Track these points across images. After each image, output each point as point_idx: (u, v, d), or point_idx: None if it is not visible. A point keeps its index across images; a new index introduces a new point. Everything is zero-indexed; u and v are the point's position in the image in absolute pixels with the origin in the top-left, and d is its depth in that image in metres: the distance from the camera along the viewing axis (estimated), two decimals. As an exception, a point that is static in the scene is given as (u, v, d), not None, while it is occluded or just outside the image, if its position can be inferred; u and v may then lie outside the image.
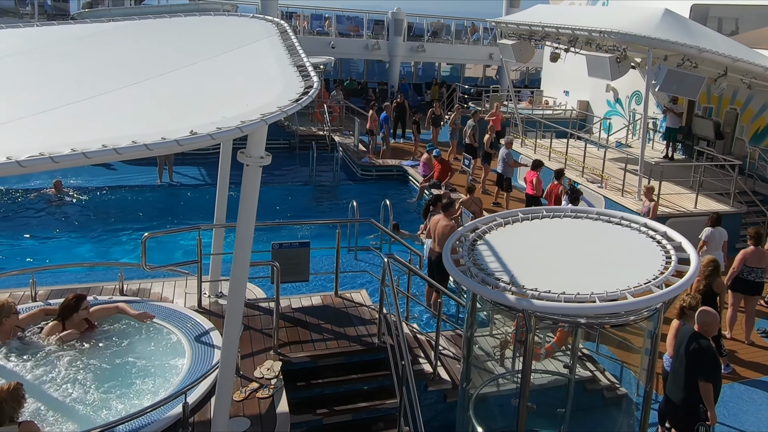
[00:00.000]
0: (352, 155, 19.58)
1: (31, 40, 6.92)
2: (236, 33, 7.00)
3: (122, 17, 8.09)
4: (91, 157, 3.59)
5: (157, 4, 27.43)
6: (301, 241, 8.08)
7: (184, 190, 16.95)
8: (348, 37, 29.98)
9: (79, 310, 6.64)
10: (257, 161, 4.71)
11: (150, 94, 4.89)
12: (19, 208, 14.65)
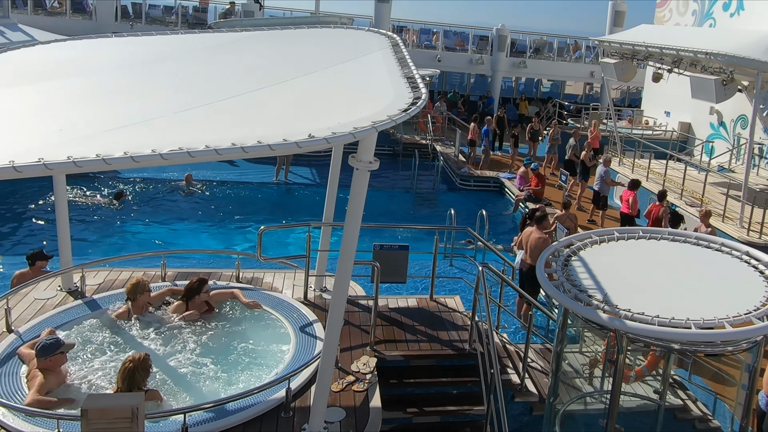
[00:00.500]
0: (452, 165, 19.46)
1: (174, 46, 7.34)
2: (352, 45, 7.12)
3: (252, 27, 8.39)
4: (222, 154, 3.78)
5: (282, 16, 28.42)
6: (401, 244, 8.12)
7: (297, 188, 17.44)
8: (453, 51, 29.82)
9: (200, 293, 6.96)
10: (366, 166, 4.77)
11: (274, 99, 5.06)
12: (155, 196, 15.54)
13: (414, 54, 9.39)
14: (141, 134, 4.29)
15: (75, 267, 7.80)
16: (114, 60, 6.87)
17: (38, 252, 8.52)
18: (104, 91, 5.69)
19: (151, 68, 6.46)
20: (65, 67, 6.65)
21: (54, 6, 24.94)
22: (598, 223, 14.36)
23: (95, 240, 12.51)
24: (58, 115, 4.96)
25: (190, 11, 26.38)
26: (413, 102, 4.59)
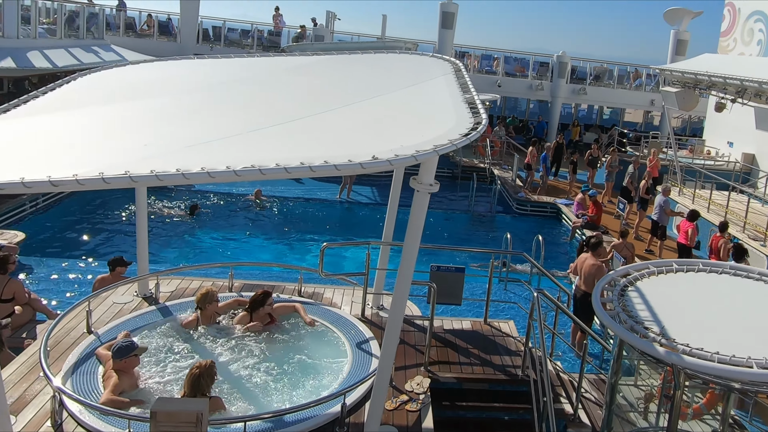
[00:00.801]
0: (510, 189, 19.19)
1: (250, 69, 7.51)
2: (417, 70, 7.10)
3: (322, 51, 8.51)
4: (291, 172, 3.81)
5: (350, 41, 28.87)
6: (457, 266, 8.00)
7: (359, 207, 17.50)
8: (514, 77, 29.57)
9: (264, 305, 7.02)
10: (427, 188, 4.73)
11: (341, 121, 5.09)
12: (226, 210, 15.84)
13: (475, 79, 9.35)
14: (217, 151, 4.38)
15: (151, 274, 8.04)
16: (195, 81, 7.10)
17: (118, 258, 8.85)
18: (185, 109, 5.87)
19: (228, 89, 6.63)
20: (151, 86, 6.91)
21: (143, 29, 26.09)
22: (656, 253, 13.83)
23: (170, 249, 12.89)
24: (143, 132, 5.14)
25: (265, 35, 27.10)
26: (474, 127, 4.53)
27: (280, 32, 27.18)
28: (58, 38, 18.28)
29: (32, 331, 7.93)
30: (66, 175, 3.75)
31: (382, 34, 30.15)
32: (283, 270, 10.38)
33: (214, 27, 26.89)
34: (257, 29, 27.12)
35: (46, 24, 18.49)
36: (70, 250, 12.33)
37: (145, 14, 26.61)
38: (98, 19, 20.77)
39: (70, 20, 19.24)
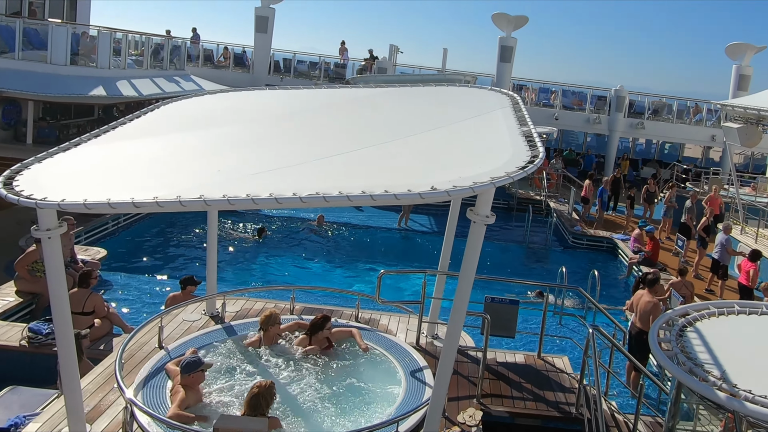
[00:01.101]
0: (565, 222, 18.73)
1: (317, 99, 7.65)
2: (475, 103, 7.05)
3: (385, 83, 8.59)
4: (353, 200, 3.86)
5: (412, 73, 29.14)
6: (511, 298, 7.82)
7: (416, 235, 17.34)
8: (571, 110, 29.01)
9: (323, 329, 7.01)
10: (483, 219, 4.67)
11: (401, 151, 5.11)
12: (290, 234, 15.94)
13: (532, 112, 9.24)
14: (284, 178, 4.46)
15: (218, 294, 8.20)
16: (266, 110, 7.30)
17: (189, 278, 9.04)
18: (256, 137, 6.03)
19: (296, 119, 6.79)
20: (226, 115, 7.15)
21: (220, 60, 27.13)
22: (716, 293, 13.15)
23: (237, 270, 13.04)
24: (217, 158, 5.31)
25: (331, 66, 27.69)
26: (530, 160, 4.45)
27: (346, 64, 27.73)
28: (144, 69, 19.18)
29: (109, 344, 8.15)
30: (147, 198, 3.91)
31: (442, 67, 30.28)
32: (342, 295, 10.36)
33: (284, 59, 27.67)
34: (324, 61, 27.75)
35: (134, 55, 19.46)
36: (146, 268, 12.64)
37: (222, 47, 27.72)
38: (180, 51, 21.73)
39: (155, 52, 20.21)
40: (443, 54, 30.79)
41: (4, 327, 8.23)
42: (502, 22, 26.19)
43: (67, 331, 4.94)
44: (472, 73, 26.76)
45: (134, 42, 19.66)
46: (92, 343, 7.95)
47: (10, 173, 4.53)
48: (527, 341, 9.30)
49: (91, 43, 17.46)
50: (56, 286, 4.74)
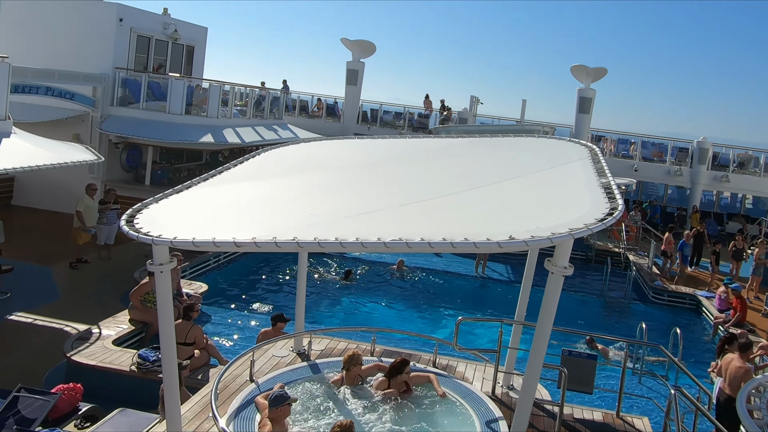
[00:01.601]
0: (645, 276, 17.71)
1: (401, 148, 7.77)
2: (554, 153, 6.93)
3: (466, 134, 8.60)
4: (434, 247, 3.87)
5: (491, 123, 29.06)
6: (589, 352, 7.42)
7: (493, 283, 16.88)
8: (651, 162, 27.72)
9: (402, 373, 6.87)
10: (561, 270, 4.54)
11: (480, 200, 5.08)
12: (372, 277, 15.83)
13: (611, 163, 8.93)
14: (369, 223, 4.54)
15: (305, 332, 8.28)
16: (354, 157, 7.50)
17: (279, 315, 9.17)
18: (344, 183, 6.20)
19: (381, 166, 6.93)
20: (318, 161, 7.41)
21: (314, 111, 28.26)
22: (811, 359, 11.89)
23: (323, 310, 13.08)
24: (309, 202, 5.49)
25: (415, 117, 28.12)
26: (609, 212, 4.31)
27: (429, 114, 28.11)
28: (247, 118, 20.21)
29: (206, 374, 8.34)
30: (246, 238, 4.09)
31: (521, 117, 30.03)
32: (420, 339, 10.15)
33: (372, 109, 28.39)
34: (409, 112, 28.25)
35: (239, 106, 20.65)
36: (242, 304, 12.86)
37: (315, 98, 28.95)
38: (279, 102, 22.86)
39: (257, 103, 21.35)
40: (522, 105, 30.59)
41: (118, 352, 8.64)
42: (581, 74, 25.74)
43: (172, 359, 5.12)
44: (550, 123, 26.34)
45: (239, 93, 20.89)
46: (191, 373, 8.17)
47: (132, 212, 4.88)
48: (606, 398, 8.75)
49: (203, 94, 18.61)
50: (165, 317, 4.96)
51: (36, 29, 17.70)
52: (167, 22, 19.68)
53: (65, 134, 15.55)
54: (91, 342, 8.88)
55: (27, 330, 9.98)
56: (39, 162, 9.95)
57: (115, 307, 10.62)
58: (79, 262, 13.44)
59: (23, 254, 12.71)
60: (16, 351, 9.26)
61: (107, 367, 8.15)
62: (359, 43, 26.91)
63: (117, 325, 9.71)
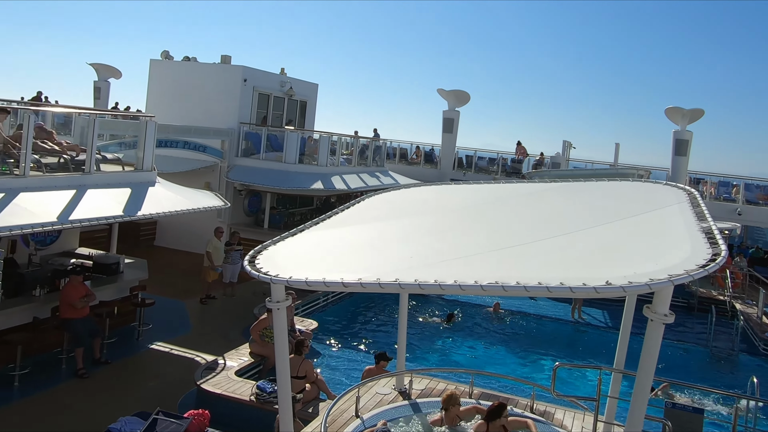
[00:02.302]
0: (754, 326, 15.92)
1: (495, 193, 7.69)
2: (650, 197, 6.53)
3: (559, 178, 8.36)
4: (530, 291, 3.77)
5: (584, 168, 27.92)
6: (695, 406, 6.76)
7: (590, 329, 15.88)
8: (756, 205, 25.16)
9: (500, 417, 6.58)
10: (661, 318, 4.24)
11: (574, 245, 4.88)
12: (469, 319, 15.42)
13: (712, 207, 8.28)
14: (466, 266, 4.52)
15: (406, 371, 8.19)
16: (451, 202, 7.52)
17: (383, 353, 9.15)
18: (442, 227, 6.23)
19: (477, 211, 6.89)
20: (417, 206, 7.51)
21: (412, 158, 28.72)
22: None
23: (424, 350, 12.84)
24: (409, 245, 5.57)
25: (509, 162, 27.73)
26: (712, 258, 3.99)
27: (522, 159, 27.61)
28: (352, 165, 20.90)
29: (316, 407, 8.37)
30: (353, 279, 4.23)
31: (614, 161, 28.62)
32: (518, 384, 9.68)
33: (467, 156, 28.36)
34: (502, 157, 27.94)
35: (345, 155, 21.49)
36: (348, 341, 12.92)
37: (414, 146, 29.47)
38: (381, 150, 23.53)
39: (361, 152, 22.13)
40: (615, 148, 29.17)
41: (239, 383, 8.93)
42: (677, 116, 24.17)
43: (287, 391, 5.24)
44: (645, 167, 24.86)
45: (345, 143, 21.76)
46: (303, 406, 8.25)
47: (254, 253, 5.20)
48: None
49: (314, 145, 19.53)
50: (281, 351, 5.13)
51: (175, 90, 19.48)
52: (284, 81, 21.01)
53: (198, 182, 16.81)
54: (217, 372, 9.26)
55: (165, 358, 10.71)
56: (178, 207, 10.84)
57: (237, 340, 11.15)
58: (208, 297, 14.30)
59: (162, 290, 13.70)
60: (156, 377, 9.91)
61: (230, 396, 8.43)
62: (455, 92, 27.26)
63: (239, 357, 10.07)
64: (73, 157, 10.36)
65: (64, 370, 9.73)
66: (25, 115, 9.32)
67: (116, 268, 11.95)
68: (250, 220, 19.20)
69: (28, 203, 8.51)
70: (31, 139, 9.12)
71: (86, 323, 9.78)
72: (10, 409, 8.36)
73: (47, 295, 10.12)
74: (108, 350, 10.46)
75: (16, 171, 9.03)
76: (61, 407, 8.52)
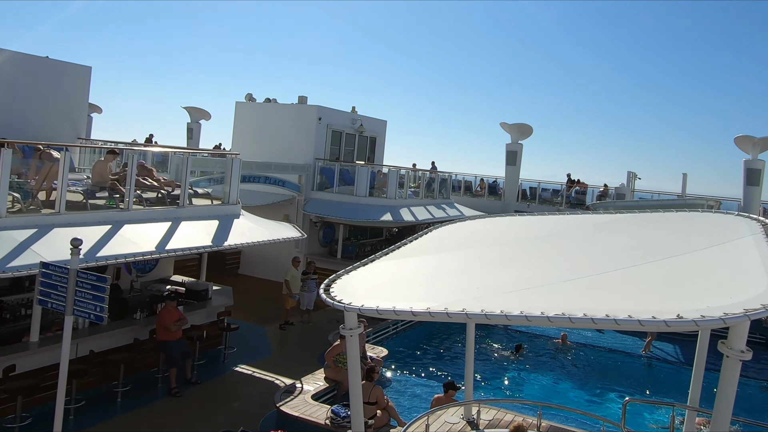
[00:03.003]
0: (843, 364, 14.26)
1: (559, 225, 7.51)
2: (721, 229, 6.18)
3: (624, 209, 8.03)
4: (597, 323, 3.65)
5: (651, 198, 26.53)
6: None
7: (661, 364, 14.81)
8: (840, 236, 22.67)
9: None
10: (737, 355, 3.96)
11: (642, 277, 4.69)
12: (535, 350, 14.91)
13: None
14: (532, 297, 4.45)
15: (474, 401, 8.04)
16: (515, 233, 7.41)
17: (451, 383, 8.99)
18: (506, 258, 6.15)
19: (541, 242, 6.75)
20: (482, 237, 7.45)
21: (476, 190, 28.45)
22: None
23: (491, 381, 12.51)
24: (475, 275, 5.53)
25: (573, 194, 26.88)
26: (791, 292, 3.69)
27: (585, 191, 26.66)
28: (419, 198, 20.99)
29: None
30: (421, 308, 4.26)
31: (682, 191, 26.93)
32: (585, 418, 9.18)
33: (530, 187, 27.79)
34: (565, 189, 27.15)
35: (413, 188, 21.65)
36: (416, 369, 12.78)
37: (478, 179, 29.23)
38: (447, 183, 23.53)
39: (428, 185, 22.22)
40: (683, 179, 27.53)
41: (315, 406, 9.06)
42: (747, 145, 22.50)
43: (360, 416, 5.27)
44: (715, 197, 23.25)
45: (413, 177, 21.93)
46: (375, 431, 8.23)
47: (328, 282, 5.34)
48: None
49: (383, 178, 19.86)
50: (354, 377, 5.17)
51: (258, 129, 20.44)
52: (355, 119, 21.59)
53: (277, 215, 17.35)
54: (295, 395, 9.44)
55: (247, 380, 11.05)
56: (259, 238, 11.30)
57: (313, 365, 11.34)
58: (286, 324, 14.66)
59: (245, 315, 14.23)
60: (240, 398, 10.22)
61: (307, 419, 8.53)
62: (517, 126, 26.93)
63: (315, 381, 10.21)
64: (169, 192, 11.12)
65: (160, 389, 10.27)
66: (129, 155, 10.08)
67: (205, 295, 12.55)
68: (324, 250, 19.62)
69: (131, 234, 9.17)
70: (134, 176, 9.88)
71: (179, 345, 10.32)
72: (114, 422, 8.92)
73: (146, 318, 10.77)
74: (198, 371, 10.96)
75: (121, 205, 9.79)
76: (157, 423, 8.99)
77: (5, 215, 7.90)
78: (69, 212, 8.80)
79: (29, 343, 8.83)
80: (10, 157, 7.97)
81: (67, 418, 8.52)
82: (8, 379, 8.29)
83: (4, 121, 12.60)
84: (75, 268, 6.18)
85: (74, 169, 12.91)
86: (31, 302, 9.11)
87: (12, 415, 8.27)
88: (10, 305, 9.48)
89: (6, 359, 8.37)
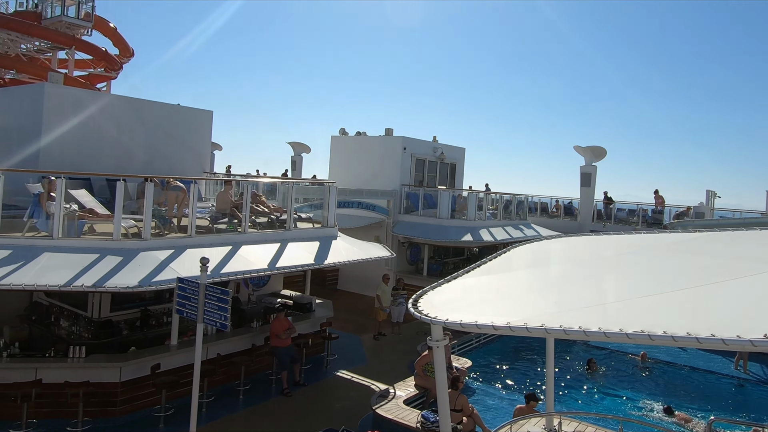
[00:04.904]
0: None
1: (637, 243, 7.07)
2: None
3: (704, 228, 7.37)
4: (678, 341, 3.39)
5: (732, 217, 23.93)
6: None
7: (754, 384, 13.24)
8: None
9: None
10: None
11: (724, 295, 4.32)
12: (616, 366, 13.90)
13: None
14: (610, 313, 4.23)
15: (556, 413, 7.73)
16: (591, 252, 7.07)
17: (532, 394, 8.70)
18: (583, 275, 5.89)
19: (618, 260, 6.41)
20: (559, 255, 7.19)
21: (552, 211, 27.34)
22: None
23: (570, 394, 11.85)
24: (552, 291, 5.35)
25: (649, 213, 24.98)
26: None
27: (663, 210, 24.63)
28: (497, 219, 20.50)
29: None
30: (502, 323, 4.18)
31: (766, 209, 24.11)
32: None
33: (605, 207, 26.24)
34: (642, 208, 25.26)
35: (491, 210, 21.24)
36: (499, 379, 12.47)
37: (554, 200, 28.05)
38: (523, 205, 22.83)
39: (505, 206, 21.70)
40: (766, 196, 24.62)
41: (407, 410, 9.10)
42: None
43: (448, 421, 5.23)
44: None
45: (491, 199, 21.53)
46: None
47: (416, 297, 5.39)
48: None
49: (463, 201, 19.68)
50: (441, 385, 5.15)
51: (350, 159, 21.06)
52: (436, 147, 21.70)
53: (369, 236, 17.77)
54: (389, 399, 9.54)
55: (347, 384, 11.28)
56: (354, 257, 11.62)
57: (404, 373, 11.40)
58: (379, 335, 14.87)
59: (344, 326, 14.62)
60: (341, 399, 10.44)
61: (400, 422, 8.58)
62: (591, 149, 25.64)
63: (406, 387, 10.24)
64: (278, 217, 11.74)
65: (273, 389, 10.74)
66: (245, 186, 10.84)
67: (310, 307, 13.07)
68: (411, 268, 19.72)
69: (248, 254, 9.77)
70: (249, 203, 10.58)
71: (289, 351, 10.78)
72: (237, 416, 9.45)
73: (261, 327, 11.39)
74: (305, 375, 11.37)
75: (239, 228, 10.49)
76: (272, 418, 9.41)
77: (150, 238, 8.76)
78: (198, 235, 9.55)
79: (170, 346, 9.66)
80: (152, 190, 8.86)
81: (201, 411, 9.19)
82: (154, 375, 9.10)
83: (147, 157, 14.06)
84: (204, 283, 6.69)
85: (201, 198, 14.06)
86: (171, 311, 9.97)
87: (158, 405, 9.05)
88: (155, 313, 10.46)
89: (153, 359, 9.21)
